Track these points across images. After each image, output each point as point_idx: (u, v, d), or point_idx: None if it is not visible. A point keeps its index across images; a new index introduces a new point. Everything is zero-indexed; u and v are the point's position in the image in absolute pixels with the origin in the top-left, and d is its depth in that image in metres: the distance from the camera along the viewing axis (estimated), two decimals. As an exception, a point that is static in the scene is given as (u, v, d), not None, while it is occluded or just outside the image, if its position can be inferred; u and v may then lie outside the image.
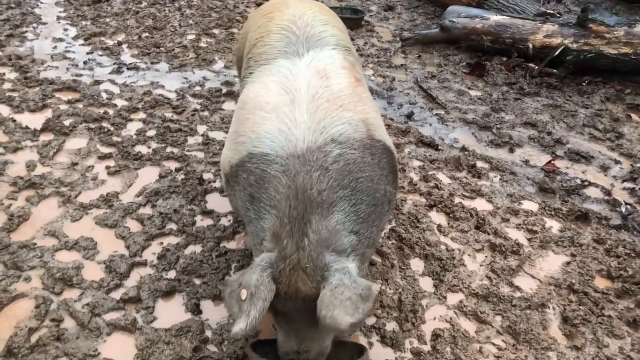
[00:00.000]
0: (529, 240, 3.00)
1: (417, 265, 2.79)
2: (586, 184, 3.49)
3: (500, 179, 3.51)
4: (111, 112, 3.88)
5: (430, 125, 4.11)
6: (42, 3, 5.81)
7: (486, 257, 2.87)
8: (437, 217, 3.13)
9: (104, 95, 4.09)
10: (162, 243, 2.83)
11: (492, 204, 3.27)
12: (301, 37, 2.26)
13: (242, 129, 2.09)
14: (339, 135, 1.90)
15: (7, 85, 4.09)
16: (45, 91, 4.03)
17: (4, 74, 4.24)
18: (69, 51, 4.77)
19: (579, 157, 3.79)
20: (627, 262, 2.85)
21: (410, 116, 4.17)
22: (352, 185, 1.85)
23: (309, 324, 1.76)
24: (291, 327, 1.84)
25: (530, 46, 4.95)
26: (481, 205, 3.25)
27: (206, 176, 3.33)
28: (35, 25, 5.22)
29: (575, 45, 4.75)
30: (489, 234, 3.01)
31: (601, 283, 2.74)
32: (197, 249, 2.81)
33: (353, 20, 5.85)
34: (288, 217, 1.76)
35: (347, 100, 2.03)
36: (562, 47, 4.77)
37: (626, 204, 3.28)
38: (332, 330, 1.63)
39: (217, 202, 3.14)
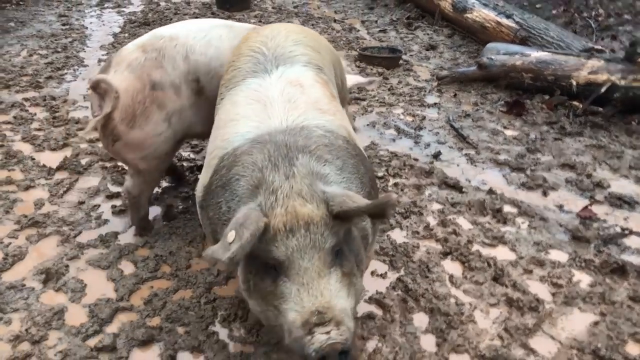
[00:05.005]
0: (553, 294, 2.67)
1: (420, 320, 2.52)
2: (627, 232, 3.11)
3: (528, 225, 3.19)
4: (128, 151, 3.85)
5: (457, 165, 3.85)
6: (87, 47, 6.00)
7: (500, 312, 2.56)
8: (451, 266, 2.85)
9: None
10: (152, 287, 2.71)
11: (515, 253, 2.96)
12: (269, 56, 2.18)
13: (212, 147, 2.02)
14: (321, 125, 1.89)
15: (34, 125, 4.17)
16: (69, 130, 4.08)
17: (35, 114, 4.34)
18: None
19: (621, 202, 3.42)
20: (667, 324, 2.47)
21: (436, 156, 3.93)
22: (337, 162, 1.81)
23: (320, 270, 1.56)
24: (299, 284, 1.55)
25: (574, 83, 4.62)
26: (502, 253, 2.95)
27: (210, 217, 3.20)
28: (76, 67, 5.37)
29: (623, 82, 4.38)
30: (506, 286, 2.71)
31: (633, 349, 2.37)
32: (186, 293, 2.67)
33: (389, 59, 5.71)
34: (268, 159, 1.70)
35: (326, 107, 2.01)
36: (609, 84, 4.41)
37: (673, 256, 2.90)
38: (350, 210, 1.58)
39: (216, 245, 3.00)
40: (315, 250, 1.56)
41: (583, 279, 2.76)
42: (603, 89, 4.43)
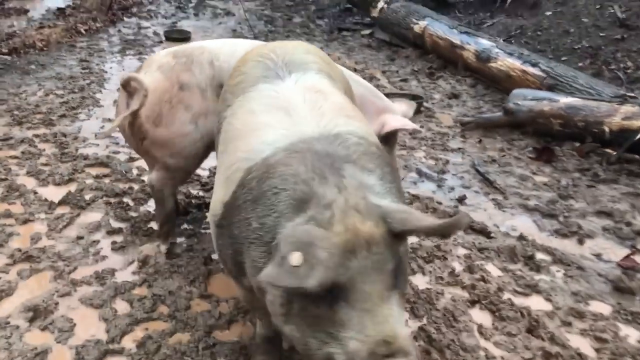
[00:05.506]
0: (597, 350, 2.36)
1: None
2: (676, 283, 2.80)
3: (564, 274, 2.90)
4: (136, 187, 3.68)
5: (485, 210, 3.59)
6: (105, 89, 5.94)
7: (538, 369, 2.25)
8: (479, 316, 2.56)
9: (134, 172, 3.92)
10: (146, 329, 2.46)
11: (551, 303, 2.66)
12: (279, 62, 2.04)
13: (231, 159, 1.81)
14: (353, 132, 1.73)
15: (42, 160, 4.03)
16: (76, 166, 3.92)
17: (44, 150, 4.20)
18: (115, 131, 4.72)
19: (666, 251, 3.11)
20: None
21: (461, 200, 3.68)
22: (378, 172, 1.65)
23: (382, 295, 1.41)
24: (361, 310, 1.39)
25: (607, 130, 4.38)
26: (536, 303, 2.65)
27: (215, 256, 2.96)
28: (91, 107, 5.28)
29: (660, 127, 4.14)
30: (543, 339, 2.40)
31: (697, 415, 2.04)
32: (184, 337, 2.41)
33: (411, 105, 5.53)
34: (312, 170, 1.54)
35: (352, 113, 1.88)
36: (644, 130, 4.17)
37: None
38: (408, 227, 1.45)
39: (220, 285, 2.76)
40: (378, 273, 1.41)
41: (631, 334, 2.45)
42: (638, 136, 4.18)
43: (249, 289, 1.83)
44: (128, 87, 2.71)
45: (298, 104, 1.81)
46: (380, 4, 8.66)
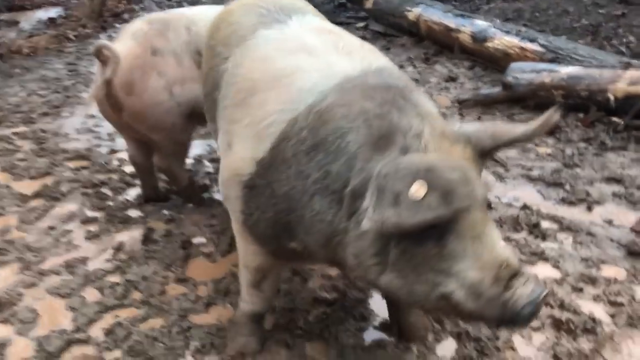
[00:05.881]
0: (612, 316, 2.13)
1: (445, 347, 2.00)
2: (694, 245, 2.56)
3: (573, 241, 2.67)
4: (115, 177, 3.49)
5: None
6: (91, 88, 5.77)
7: (547, 338, 2.03)
8: (480, 286, 2.33)
9: (115, 163, 3.72)
10: (117, 316, 2.26)
11: (559, 270, 2.43)
12: (272, 8, 1.94)
13: (258, 113, 1.65)
14: (389, 65, 1.68)
15: (18, 155, 3.84)
16: (55, 160, 3.74)
17: (22, 146, 4.01)
18: (98, 125, 4.52)
19: (683, 214, 2.87)
20: None
21: (459, 175, 3.45)
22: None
23: (484, 219, 1.36)
24: (472, 238, 1.31)
25: (611, 97, 4.14)
26: (544, 271, 2.43)
27: (196, 240, 2.76)
28: (75, 105, 5.10)
29: (667, 91, 3.90)
30: (552, 307, 2.17)
31: None
32: (156, 322, 2.21)
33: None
34: (382, 103, 1.44)
35: (373, 51, 1.79)
36: (652, 94, 3.93)
37: None
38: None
39: (199, 269, 2.56)
40: (476, 197, 1.32)
41: (649, 297, 2.21)
42: (645, 101, 3.95)
43: (288, 249, 1.66)
44: (101, 56, 2.58)
45: (317, 45, 1.70)
46: (374, -5, 8.49)
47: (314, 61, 1.65)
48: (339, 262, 1.53)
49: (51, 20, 9.07)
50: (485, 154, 1.43)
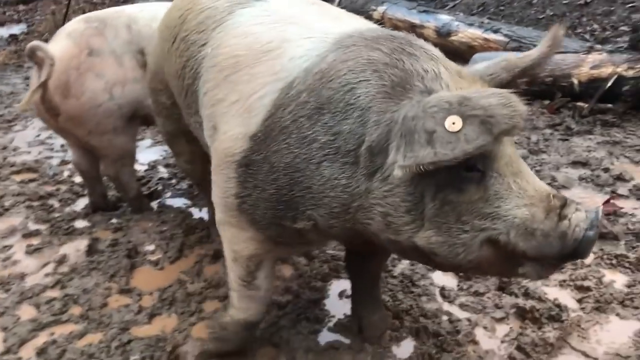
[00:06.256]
0: (579, 301, 2.01)
1: (403, 346, 1.86)
2: (664, 224, 2.47)
3: (538, 227, 2.55)
4: (64, 188, 3.31)
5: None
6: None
7: (511, 328, 1.90)
8: (441, 278, 2.20)
9: (65, 174, 3.54)
10: (52, 333, 2.08)
11: (524, 257, 2.30)
12: None
13: (246, 89, 1.53)
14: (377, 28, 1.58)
15: (-38, 172, 3.64)
16: (1, 174, 3.55)
17: (-33, 163, 3.82)
18: (52, 137, 4.34)
19: (651, 193, 2.78)
20: None
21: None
22: None
23: (516, 153, 1.31)
24: (513, 174, 1.25)
25: (575, 82, 4.07)
26: (507, 259, 2.30)
27: (144, 248, 2.60)
28: (29, 118, 4.91)
29: (630, 72, 3.82)
30: (516, 295, 2.05)
31: (702, 359, 1.69)
32: (95, 338, 2.04)
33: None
34: (391, 51, 1.35)
35: (360, 18, 1.72)
36: (615, 77, 3.86)
37: None
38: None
39: (145, 278, 2.40)
40: (519, 119, 1.21)
41: (617, 279, 2.11)
42: (609, 84, 3.87)
43: (291, 231, 1.51)
44: (34, 57, 2.45)
45: (304, 16, 1.63)
46: (338, -3, 8.41)
47: (304, 31, 1.56)
48: (360, 230, 1.40)
49: (13, 36, 8.87)
50: (504, 88, 1.32)
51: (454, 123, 1.13)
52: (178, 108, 2.06)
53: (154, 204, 3.04)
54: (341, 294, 2.17)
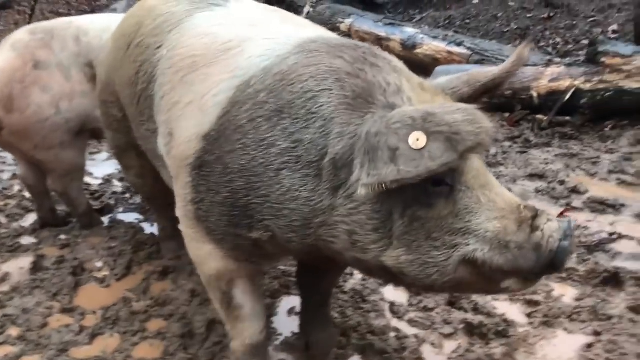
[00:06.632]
0: (528, 315, 2.00)
1: (348, 364, 1.82)
2: (615, 236, 2.48)
3: (492, 240, 2.55)
4: (13, 203, 3.21)
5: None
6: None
7: (459, 344, 1.88)
8: (392, 294, 2.18)
9: (16, 188, 3.44)
10: (-16, 357, 1.98)
11: (476, 271, 2.29)
12: None
13: (201, 88, 1.49)
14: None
15: None
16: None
17: None
18: (2, 150, 4.22)
19: (604, 206, 2.80)
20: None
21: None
22: None
23: (483, 165, 1.28)
24: (481, 187, 1.22)
25: (534, 94, 4.12)
26: (459, 273, 2.28)
27: (91, 265, 2.52)
28: None
29: (587, 85, 3.88)
30: (466, 310, 2.03)
31: (646, 374, 1.68)
32: (32, 360, 1.94)
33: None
34: (353, 61, 1.32)
35: (325, 30, 1.68)
36: (573, 89, 3.91)
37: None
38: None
39: (89, 296, 2.32)
40: (485, 136, 1.20)
41: (566, 293, 2.11)
42: (567, 96, 3.92)
43: (247, 243, 1.44)
44: None
45: (267, 20, 1.61)
46: (306, 9, 8.42)
47: (264, 32, 1.53)
48: (322, 247, 1.33)
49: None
50: (465, 102, 1.30)
51: (417, 139, 1.10)
52: (128, 121, 2.01)
53: (105, 219, 2.97)
54: (290, 311, 2.13)
